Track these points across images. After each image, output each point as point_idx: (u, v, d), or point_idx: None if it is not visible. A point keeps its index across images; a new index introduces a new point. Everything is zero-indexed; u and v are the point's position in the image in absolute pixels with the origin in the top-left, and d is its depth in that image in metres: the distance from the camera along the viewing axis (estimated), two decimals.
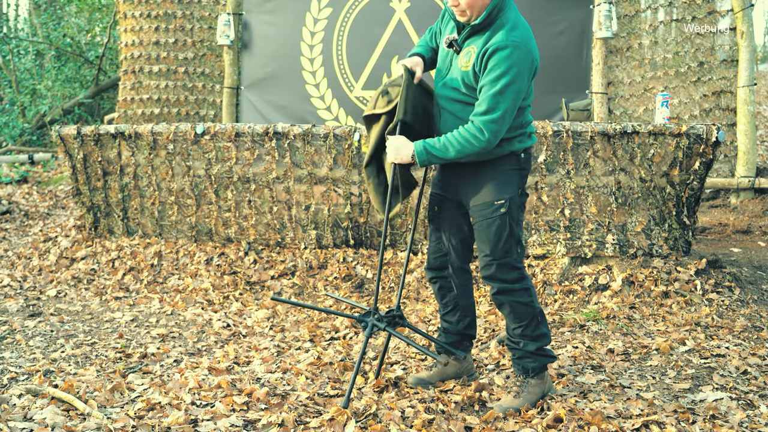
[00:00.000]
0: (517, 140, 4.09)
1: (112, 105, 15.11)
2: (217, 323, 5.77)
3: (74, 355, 5.02)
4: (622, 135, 6.05)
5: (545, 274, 6.29)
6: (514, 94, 3.91)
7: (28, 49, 15.61)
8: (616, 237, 6.18)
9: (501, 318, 5.72)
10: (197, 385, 4.30)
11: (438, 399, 4.13)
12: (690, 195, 6.10)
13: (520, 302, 4.11)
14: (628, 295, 5.88)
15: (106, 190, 7.32)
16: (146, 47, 9.96)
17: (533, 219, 6.30)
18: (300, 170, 6.75)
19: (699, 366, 4.64)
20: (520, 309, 4.11)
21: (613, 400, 4.12)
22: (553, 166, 6.21)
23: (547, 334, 4.19)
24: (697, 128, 5.94)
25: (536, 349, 4.15)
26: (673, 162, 6.01)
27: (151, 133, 7.01)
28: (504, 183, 4.08)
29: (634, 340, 5.10)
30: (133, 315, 6.05)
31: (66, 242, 7.58)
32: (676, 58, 8.48)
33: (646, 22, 8.56)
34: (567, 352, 4.85)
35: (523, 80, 3.96)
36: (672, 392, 4.25)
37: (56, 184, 11.32)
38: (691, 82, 8.42)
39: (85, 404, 4.00)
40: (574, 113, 8.28)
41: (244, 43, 9.65)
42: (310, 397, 4.16)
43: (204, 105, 9.89)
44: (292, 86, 9.33)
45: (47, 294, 6.68)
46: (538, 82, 8.48)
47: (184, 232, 7.19)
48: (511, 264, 4.08)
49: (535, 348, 4.15)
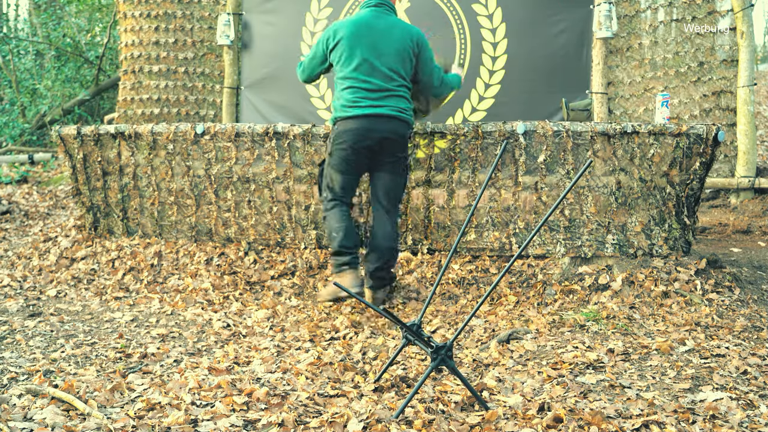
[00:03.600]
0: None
1: (111, 105, 15.12)
2: (217, 323, 5.77)
3: (74, 355, 5.02)
4: (622, 135, 6.05)
5: (545, 274, 6.29)
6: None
7: (28, 49, 15.62)
8: (616, 237, 6.18)
9: (501, 318, 5.72)
10: (197, 385, 4.29)
11: (438, 399, 4.13)
12: (690, 195, 6.10)
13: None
14: (628, 295, 5.87)
15: (106, 190, 7.32)
16: (146, 47, 9.95)
17: (533, 219, 6.30)
18: (300, 170, 6.75)
19: (699, 366, 4.63)
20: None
21: (613, 400, 4.11)
22: (553, 166, 6.21)
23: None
24: (697, 128, 5.94)
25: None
26: (673, 162, 6.01)
27: (150, 133, 7.01)
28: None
29: (634, 340, 5.10)
30: (133, 315, 6.04)
31: (66, 242, 7.58)
32: (676, 58, 8.48)
33: (646, 22, 8.56)
34: (567, 352, 4.85)
35: (317, 46, 6.05)
36: (672, 392, 4.25)
37: (56, 184, 11.32)
38: (691, 82, 8.42)
39: (85, 404, 4.00)
40: (573, 113, 8.28)
41: (244, 43, 9.65)
42: (310, 397, 4.16)
43: (204, 105, 9.88)
44: (292, 86, 9.33)
45: (47, 294, 6.68)
46: (538, 81, 8.52)
47: (184, 232, 7.18)
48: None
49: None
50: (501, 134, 6.22)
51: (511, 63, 8.63)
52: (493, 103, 8.65)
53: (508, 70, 8.61)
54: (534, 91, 8.52)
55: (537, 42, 8.54)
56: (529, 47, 8.56)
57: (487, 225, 6.42)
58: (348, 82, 5.89)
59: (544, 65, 8.52)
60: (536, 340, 5.18)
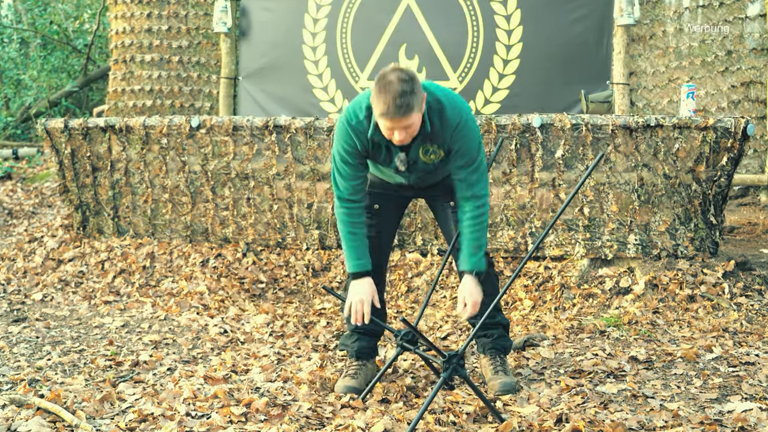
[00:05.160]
0: None
1: (101, 96, 15.12)
2: (213, 329, 5.78)
3: (61, 362, 5.03)
4: (645, 128, 6.04)
5: (563, 276, 6.29)
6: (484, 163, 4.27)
7: (12, 37, 15.65)
8: (638, 237, 6.18)
9: (516, 323, 5.72)
10: (192, 395, 4.30)
11: (449, 410, 4.13)
12: (717, 192, 6.10)
13: (495, 273, 4.58)
14: (652, 299, 5.87)
15: (96, 187, 7.34)
16: (138, 35, 9.97)
17: (550, 218, 6.30)
18: (302, 166, 6.76)
19: (727, 375, 4.63)
20: (495, 279, 4.54)
21: (636, 411, 4.11)
22: (572, 162, 6.20)
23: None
24: (724, 121, 5.93)
25: (507, 323, 4.62)
26: (699, 157, 6.00)
27: (143, 127, 7.02)
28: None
29: (658, 347, 5.10)
30: (123, 320, 6.05)
31: (52, 243, 7.60)
32: (702, 47, 8.47)
33: (671, 8, 8.54)
34: (586, 360, 4.85)
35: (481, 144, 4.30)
36: (698, 403, 4.24)
37: (42, 181, 11.33)
38: (718, 72, 8.41)
39: (72, 415, 4.01)
40: (593, 105, 8.27)
41: (242, 30, 9.66)
42: (313, 408, 4.16)
43: (199, 96, 9.90)
44: (294, 76, 9.34)
45: (32, 298, 6.69)
46: (555, 71, 8.52)
47: (179, 232, 7.19)
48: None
49: (507, 322, 4.62)
50: (516, 128, 6.21)
51: (526, 52, 8.62)
52: (507, 94, 8.65)
53: (524, 59, 8.61)
54: (551, 81, 8.52)
55: (554, 29, 8.54)
56: (545, 35, 8.56)
57: (501, 224, 6.41)
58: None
59: (561, 54, 8.52)
60: (553, 347, 5.18)
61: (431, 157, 4.18)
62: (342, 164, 4.19)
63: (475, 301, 4.13)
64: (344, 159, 4.18)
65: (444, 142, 4.11)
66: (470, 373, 4.76)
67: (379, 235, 4.51)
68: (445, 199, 4.46)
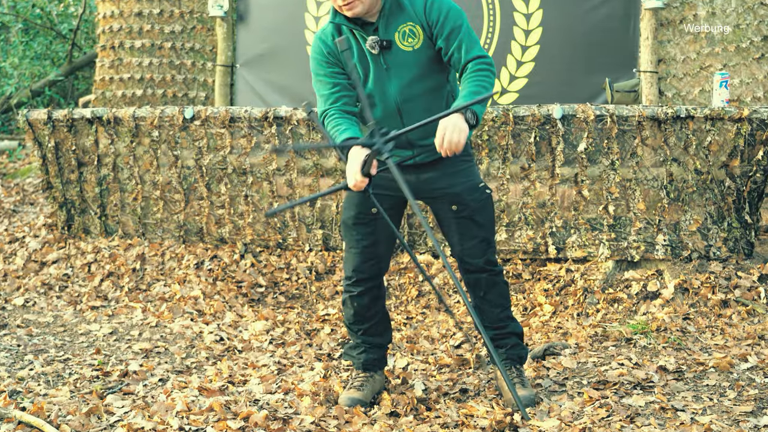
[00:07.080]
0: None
1: (88, 85, 15.15)
2: (208, 336, 5.79)
3: (44, 373, 5.04)
4: (675, 120, 6.04)
5: (586, 279, 6.29)
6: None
7: None
8: (667, 237, 6.18)
9: (535, 330, 5.72)
10: (186, 408, 4.31)
11: (463, 424, 4.14)
12: (753, 189, 6.09)
13: (504, 281, 4.55)
14: (682, 305, 5.87)
15: (82, 183, 7.35)
16: (127, 19, 9.98)
17: (572, 217, 6.30)
18: (304, 161, 6.76)
19: (763, 386, 4.63)
20: (505, 287, 4.54)
21: (665, 425, 4.11)
22: (596, 156, 6.20)
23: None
24: (760, 112, 5.93)
25: (521, 331, 4.62)
26: (733, 151, 6.00)
27: (132, 118, 7.04)
28: (472, 165, 4.49)
29: (689, 356, 5.10)
30: (112, 327, 6.07)
31: (35, 243, 7.61)
32: (736, 32, 8.46)
33: None
34: (611, 370, 4.85)
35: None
36: (732, 416, 4.24)
37: (24, 177, 11.36)
38: (754, 59, 8.40)
39: (56, 430, 4.02)
40: (619, 95, 8.26)
41: (239, 14, 9.67)
42: (316, 422, 4.17)
43: (194, 85, 9.91)
44: (295, 64, 9.32)
45: (13, 303, 6.71)
46: (578, 58, 8.51)
47: (171, 232, 7.21)
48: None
49: (521, 330, 4.62)
50: (535, 119, 6.21)
51: (546, 37, 8.61)
52: (526, 83, 8.64)
53: (544, 45, 8.60)
54: (573, 69, 8.51)
55: (577, 13, 8.52)
56: (567, 19, 8.54)
57: (519, 223, 6.41)
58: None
59: (584, 40, 8.50)
60: (576, 355, 5.18)
61: (410, 40, 4.23)
62: (319, 76, 4.66)
63: (451, 139, 3.97)
64: (318, 71, 4.66)
65: (419, 17, 4.20)
66: (486, 384, 4.76)
67: (376, 243, 4.49)
68: (448, 202, 4.43)
